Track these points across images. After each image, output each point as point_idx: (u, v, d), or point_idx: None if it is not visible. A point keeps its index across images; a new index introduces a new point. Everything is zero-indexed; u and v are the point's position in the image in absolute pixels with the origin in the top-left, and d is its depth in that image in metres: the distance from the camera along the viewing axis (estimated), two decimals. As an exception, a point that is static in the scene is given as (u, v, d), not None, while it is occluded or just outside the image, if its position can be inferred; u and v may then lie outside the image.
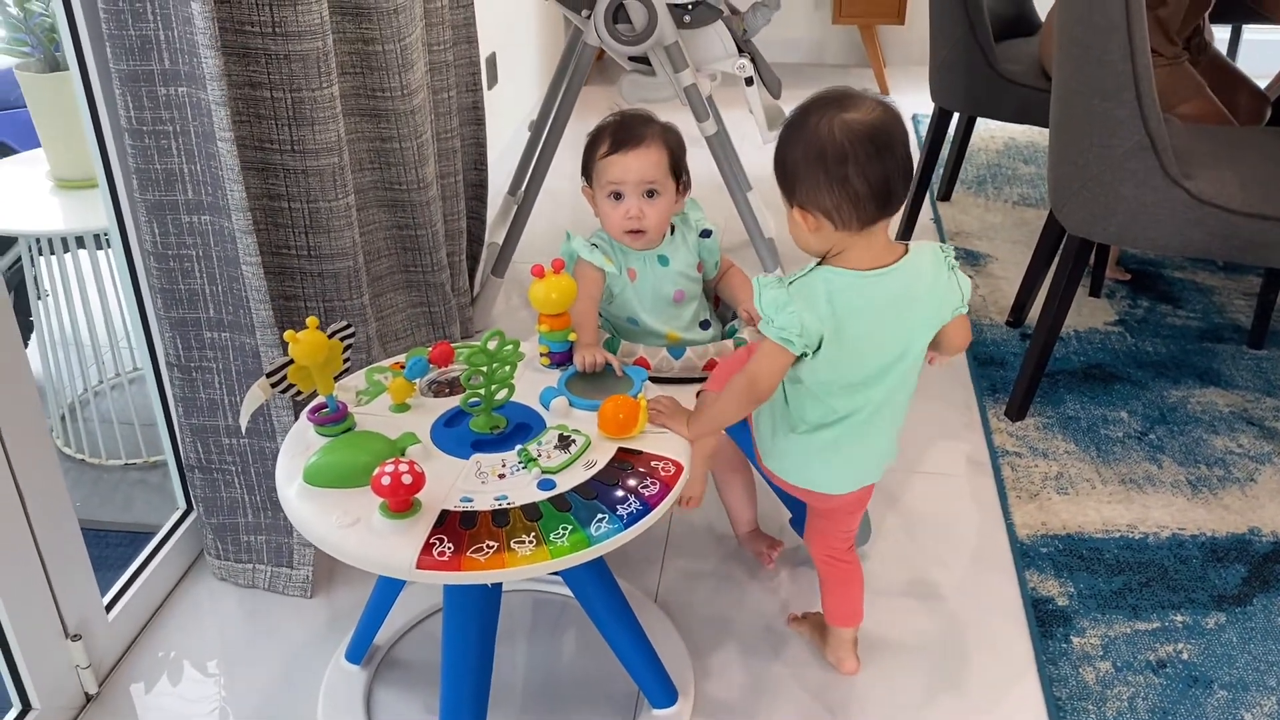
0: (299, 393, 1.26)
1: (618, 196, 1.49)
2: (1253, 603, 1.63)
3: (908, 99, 3.84)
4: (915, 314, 1.28)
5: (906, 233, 2.75)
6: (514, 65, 3.38)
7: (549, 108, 2.64)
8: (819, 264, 1.26)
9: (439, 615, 1.60)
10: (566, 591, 1.63)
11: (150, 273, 1.52)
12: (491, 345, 1.27)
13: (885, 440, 1.36)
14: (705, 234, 1.59)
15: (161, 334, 1.56)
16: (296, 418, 1.53)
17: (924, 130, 3.51)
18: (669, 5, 2.09)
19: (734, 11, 2.18)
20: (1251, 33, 3.31)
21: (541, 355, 1.43)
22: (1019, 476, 1.91)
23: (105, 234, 1.92)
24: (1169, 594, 1.65)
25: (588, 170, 1.54)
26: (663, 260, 1.54)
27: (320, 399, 1.30)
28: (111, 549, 1.79)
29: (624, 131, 1.50)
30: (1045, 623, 1.60)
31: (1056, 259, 2.05)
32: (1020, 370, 2.07)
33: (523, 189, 2.37)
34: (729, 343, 1.56)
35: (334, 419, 1.28)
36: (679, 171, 1.53)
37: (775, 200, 1.31)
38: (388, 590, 1.46)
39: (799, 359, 1.25)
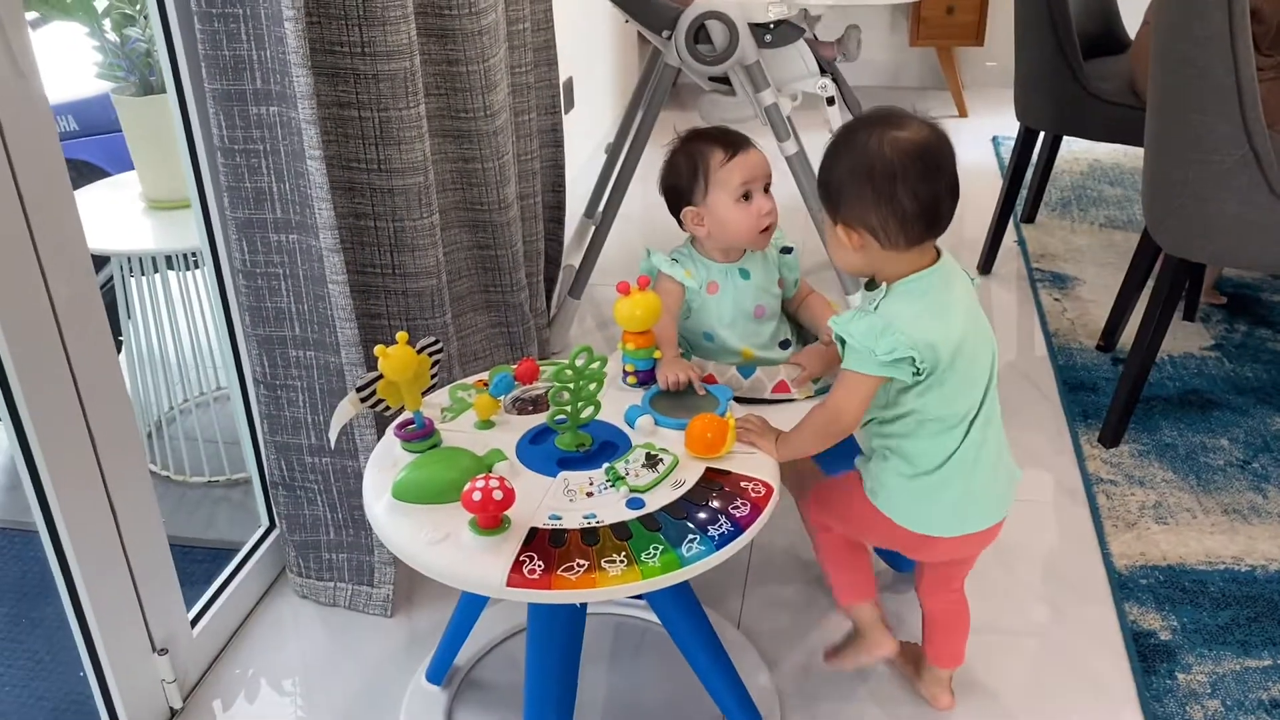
0: (387, 408, 1.26)
1: (747, 197, 1.47)
2: (1372, 641, 1.55)
3: (987, 121, 3.78)
4: (972, 295, 1.27)
5: (990, 255, 2.69)
6: (589, 90, 3.39)
7: (626, 130, 2.64)
8: (886, 286, 1.23)
9: (520, 636, 1.58)
10: (648, 615, 1.60)
11: (239, 290, 1.53)
12: (579, 362, 1.25)
13: (1006, 454, 1.32)
14: (786, 250, 1.56)
15: (249, 351, 1.57)
16: (379, 436, 1.53)
17: (1004, 152, 3.45)
18: (750, 25, 2.08)
19: (819, 41, 2.16)
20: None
21: (628, 374, 1.41)
22: (1115, 505, 1.84)
23: (194, 254, 1.95)
24: (1280, 630, 1.57)
25: (691, 191, 1.48)
26: (744, 274, 1.51)
27: (407, 415, 1.30)
28: (195, 565, 1.80)
29: (727, 137, 1.49)
30: (1148, 658, 1.53)
31: (1152, 281, 1.98)
32: (1114, 396, 2.00)
33: (600, 211, 2.37)
34: (796, 367, 1.51)
35: (421, 435, 1.28)
36: None
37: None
38: (470, 610, 1.45)
39: (909, 385, 1.21)
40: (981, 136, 3.63)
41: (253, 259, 1.50)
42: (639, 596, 1.16)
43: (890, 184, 1.16)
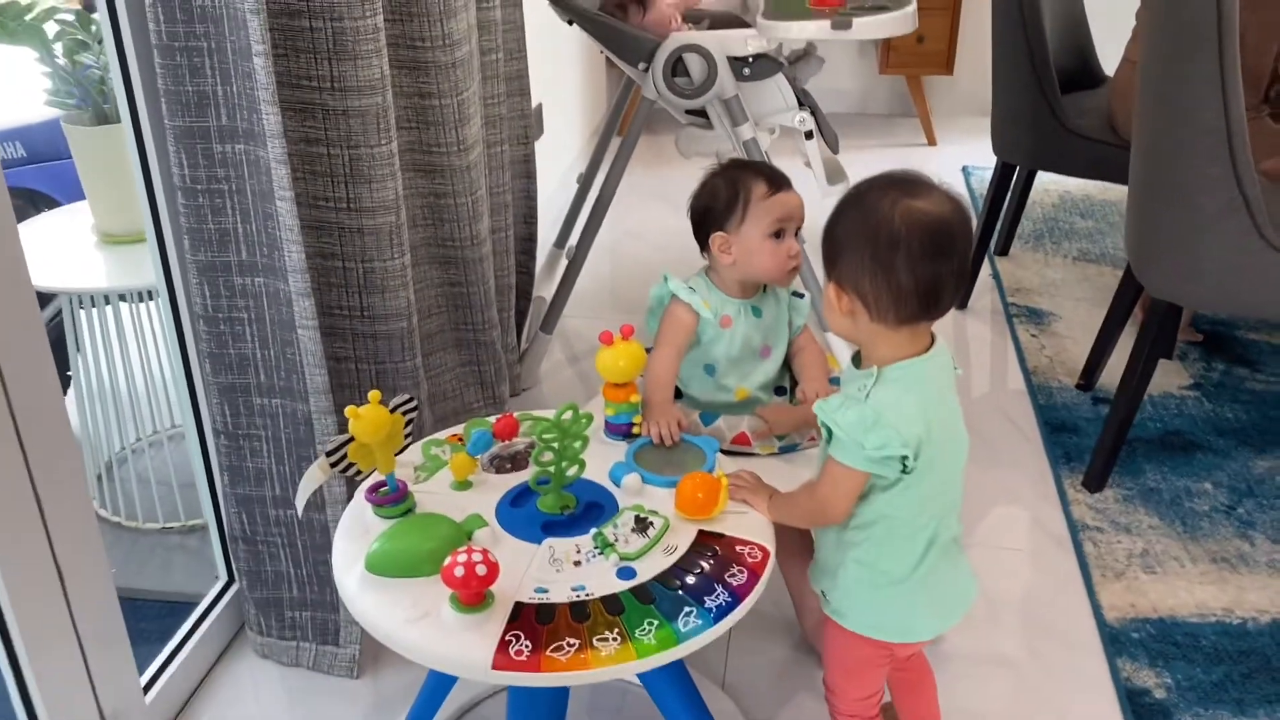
0: (358, 472, 1.18)
1: (779, 235, 1.43)
2: (1368, 698, 1.52)
3: (956, 149, 3.77)
4: (952, 389, 1.19)
5: (967, 289, 2.65)
6: (557, 115, 3.33)
7: (598, 161, 2.59)
8: (878, 370, 1.14)
9: (497, 699, 1.51)
10: (629, 677, 1.53)
11: (199, 336, 1.45)
12: (566, 419, 1.19)
13: (964, 556, 1.25)
14: (798, 295, 1.53)
15: (209, 399, 1.48)
16: (348, 489, 1.45)
17: (975, 182, 3.44)
18: (729, 58, 2.03)
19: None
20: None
21: (635, 425, 1.35)
22: (1102, 553, 1.81)
23: (149, 290, 1.86)
24: (1275, 687, 1.53)
25: (726, 217, 1.44)
26: (756, 311, 1.48)
27: (378, 477, 1.22)
28: (147, 621, 1.70)
29: (773, 171, 1.47)
30: (1143, 717, 1.49)
31: (1140, 321, 1.95)
32: (1100, 439, 1.97)
33: (573, 243, 2.30)
34: (760, 421, 1.46)
35: (394, 499, 1.21)
36: None
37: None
38: (443, 675, 1.37)
39: (889, 484, 1.14)
40: (951, 166, 3.62)
41: (215, 303, 1.42)
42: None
43: (891, 254, 1.07)
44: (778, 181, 1.46)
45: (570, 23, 2.19)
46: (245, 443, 1.50)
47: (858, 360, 1.18)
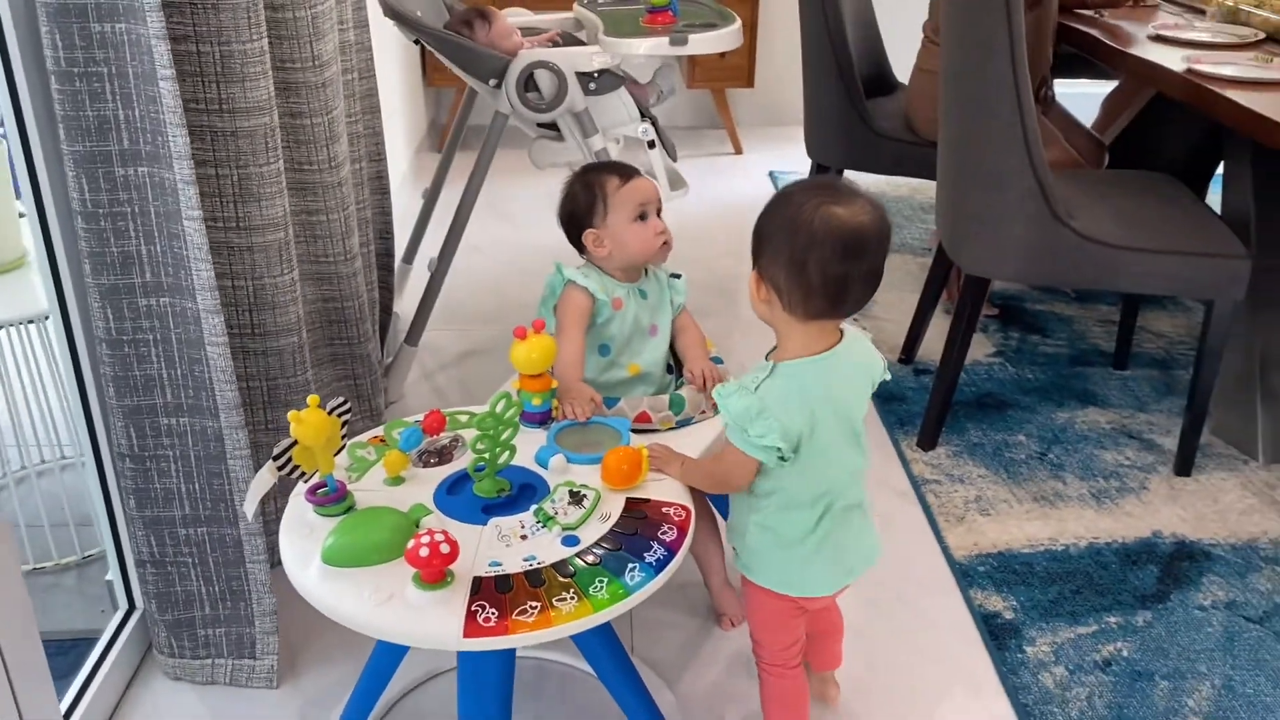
0: (303, 473, 1.23)
1: (643, 218, 1.57)
2: (1170, 599, 1.79)
3: (760, 156, 4.03)
4: (859, 386, 1.31)
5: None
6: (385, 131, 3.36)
7: (441, 177, 2.66)
8: (773, 364, 1.26)
9: (425, 690, 1.57)
10: (543, 654, 1.63)
11: (101, 360, 1.44)
12: (499, 408, 1.28)
13: (867, 521, 1.39)
14: (675, 276, 1.67)
15: (112, 424, 1.48)
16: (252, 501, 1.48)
17: (781, 185, 3.69)
18: (576, 73, 2.16)
19: (636, 82, 2.27)
20: (1061, 86, 3.65)
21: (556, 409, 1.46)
22: (943, 502, 2.04)
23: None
24: (1098, 598, 1.79)
25: (590, 214, 1.57)
26: (642, 294, 1.62)
27: (316, 479, 1.27)
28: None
29: (621, 166, 1.62)
30: (997, 636, 1.71)
31: (949, 299, 2.20)
32: (929, 404, 2.21)
33: (434, 256, 2.37)
34: (664, 398, 1.59)
35: (335, 499, 1.26)
36: None
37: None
38: (384, 664, 1.42)
39: (771, 466, 1.25)
40: (758, 172, 3.88)
41: (119, 326, 1.42)
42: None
43: (806, 253, 1.18)
44: (627, 173, 1.61)
45: (416, 42, 2.26)
46: (152, 464, 1.50)
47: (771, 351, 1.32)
